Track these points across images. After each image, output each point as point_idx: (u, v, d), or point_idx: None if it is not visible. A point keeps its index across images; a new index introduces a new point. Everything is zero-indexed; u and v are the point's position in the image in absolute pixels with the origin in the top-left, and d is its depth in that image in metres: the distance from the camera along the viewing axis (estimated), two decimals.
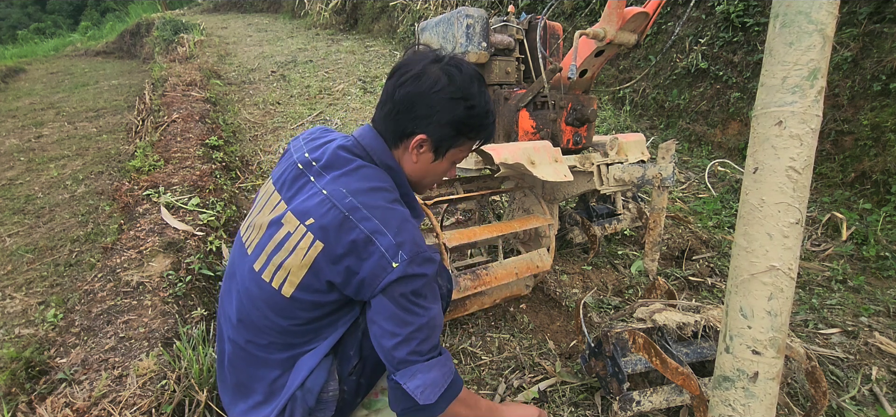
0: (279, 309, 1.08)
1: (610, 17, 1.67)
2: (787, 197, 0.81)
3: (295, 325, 1.09)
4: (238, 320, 1.13)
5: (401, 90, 1.09)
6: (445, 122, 1.10)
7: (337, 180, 1.07)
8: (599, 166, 1.86)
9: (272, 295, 1.07)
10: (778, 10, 0.79)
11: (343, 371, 1.17)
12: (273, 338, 1.11)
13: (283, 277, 1.06)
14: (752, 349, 0.87)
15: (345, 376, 1.17)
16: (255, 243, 1.14)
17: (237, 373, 1.16)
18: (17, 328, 1.83)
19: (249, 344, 1.13)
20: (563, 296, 2.03)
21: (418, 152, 1.14)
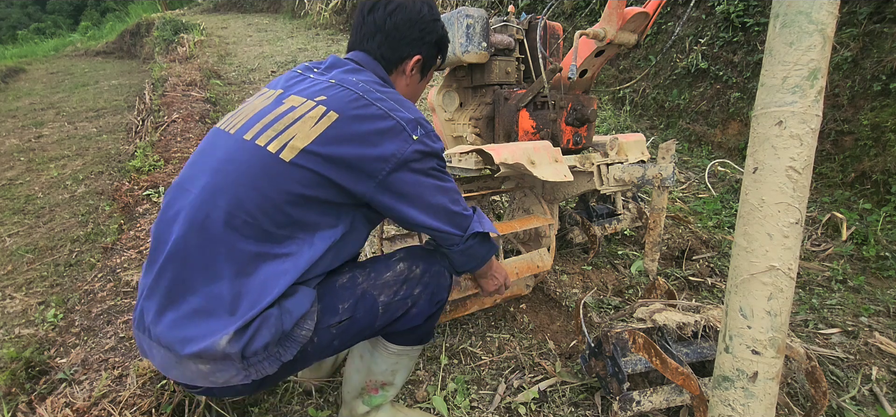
0: (272, 176, 0.96)
1: (610, 17, 1.67)
2: (786, 197, 0.81)
3: (284, 203, 0.96)
4: (207, 196, 0.96)
5: (391, 20, 1.18)
6: (433, 42, 1.26)
7: (344, 73, 1.11)
8: (599, 166, 1.86)
9: (266, 159, 0.97)
10: (778, 10, 0.79)
11: (324, 320, 1.05)
12: (249, 217, 0.95)
13: (283, 143, 0.97)
14: (752, 349, 0.87)
15: (324, 326, 1.05)
16: (241, 124, 1.04)
17: (179, 268, 0.95)
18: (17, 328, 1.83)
19: (212, 223, 0.94)
20: (563, 296, 2.03)
21: (411, 74, 1.25)
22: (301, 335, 1.00)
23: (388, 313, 1.12)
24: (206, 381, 0.96)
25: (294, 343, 1.00)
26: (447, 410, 1.45)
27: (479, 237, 1.15)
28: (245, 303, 0.94)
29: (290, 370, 1.06)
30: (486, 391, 1.55)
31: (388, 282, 1.12)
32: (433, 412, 1.46)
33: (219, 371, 0.94)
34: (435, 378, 1.60)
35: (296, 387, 1.57)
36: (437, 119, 2.30)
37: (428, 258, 1.18)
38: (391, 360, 1.26)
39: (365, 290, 1.10)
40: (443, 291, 1.19)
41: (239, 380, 0.96)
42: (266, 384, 1.05)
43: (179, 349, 0.92)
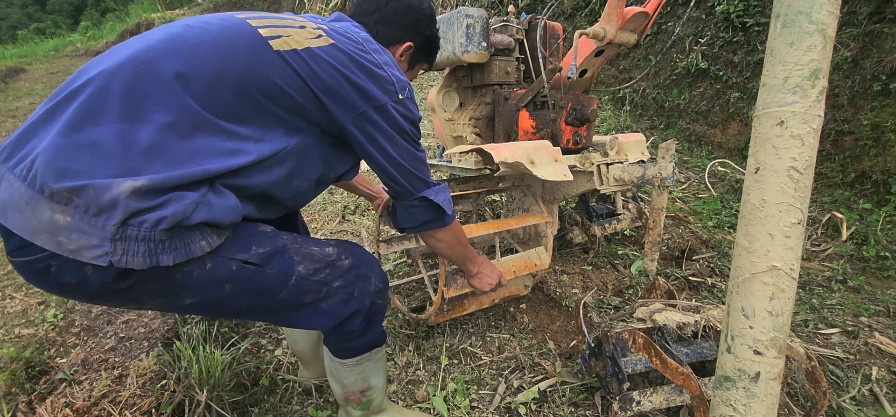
0: (255, 54, 0.90)
1: (610, 16, 1.67)
2: (788, 197, 0.81)
3: (254, 85, 0.89)
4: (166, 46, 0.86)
5: (391, 3, 1.22)
6: (427, 35, 1.30)
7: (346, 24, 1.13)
8: (599, 165, 1.86)
9: (255, 39, 0.91)
10: (779, 11, 0.79)
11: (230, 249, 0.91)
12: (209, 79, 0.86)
13: (277, 34, 0.93)
14: (754, 349, 0.87)
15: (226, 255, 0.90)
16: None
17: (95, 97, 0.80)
18: (17, 328, 1.83)
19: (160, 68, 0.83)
20: (563, 296, 2.03)
21: (399, 59, 1.27)
22: (199, 244, 0.85)
23: (298, 289, 1.00)
24: (50, 240, 0.75)
25: (184, 248, 0.83)
26: (447, 410, 1.45)
27: (427, 203, 1.16)
28: (163, 161, 0.80)
29: (146, 289, 0.85)
30: (486, 391, 1.55)
31: (313, 256, 1.03)
32: (433, 412, 1.46)
33: (78, 231, 0.75)
34: (435, 378, 1.60)
35: (295, 387, 1.57)
36: (437, 119, 2.29)
37: (360, 257, 1.12)
38: (355, 371, 1.21)
39: (286, 248, 1.00)
40: (364, 297, 1.09)
41: (91, 256, 0.75)
42: (105, 289, 0.82)
43: (49, 181, 0.74)
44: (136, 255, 0.78)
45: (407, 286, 2.21)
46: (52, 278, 0.80)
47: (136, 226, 0.77)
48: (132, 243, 0.77)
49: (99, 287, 0.81)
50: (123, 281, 0.81)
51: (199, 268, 0.87)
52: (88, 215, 0.75)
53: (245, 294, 0.95)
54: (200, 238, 0.85)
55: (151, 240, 0.79)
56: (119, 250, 0.76)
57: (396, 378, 1.61)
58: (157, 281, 0.84)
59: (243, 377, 1.56)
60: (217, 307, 0.95)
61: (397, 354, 1.72)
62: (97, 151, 0.77)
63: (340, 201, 3.21)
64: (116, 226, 0.75)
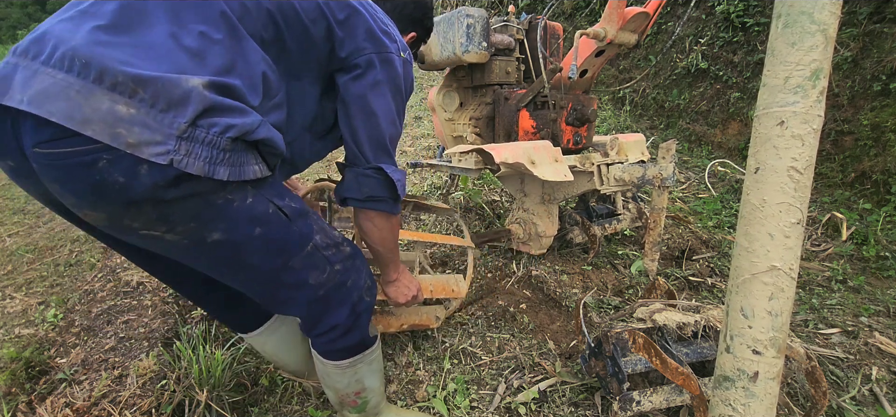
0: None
1: (610, 17, 1.67)
2: (788, 197, 0.81)
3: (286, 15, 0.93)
4: None
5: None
6: (427, 28, 1.41)
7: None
8: (599, 165, 1.86)
9: None
10: (780, 11, 0.79)
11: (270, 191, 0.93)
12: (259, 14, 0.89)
13: None
14: (753, 349, 0.87)
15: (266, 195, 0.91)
16: None
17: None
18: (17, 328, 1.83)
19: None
20: (563, 296, 2.03)
21: None
22: (252, 168, 0.85)
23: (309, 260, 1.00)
24: (104, 131, 0.69)
25: (240, 166, 0.82)
26: (447, 410, 1.45)
27: (381, 176, 1.08)
28: (219, 66, 0.80)
29: (185, 208, 0.81)
30: (486, 391, 1.55)
31: (326, 231, 1.06)
32: (433, 412, 1.46)
33: (141, 124, 0.71)
34: (435, 378, 1.60)
35: (296, 387, 1.57)
36: (437, 119, 2.29)
37: (356, 249, 1.14)
38: (347, 373, 1.19)
39: (309, 213, 1.02)
40: (354, 290, 1.10)
41: (152, 152, 0.71)
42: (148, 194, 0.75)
43: (110, 70, 0.70)
44: (198, 158, 0.75)
45: None
46: (91, 174, 0.72)
47: (204, 128, 0.75)
48: (197, 145, 0.75)
49: (145, 191, 0.75)
50: (171, 190, 0.76)
51: (241, 199, 0.86)
52: (155, 109, 0.72)
53: (267, 245, 0.93)
54: (254, 162, 0.85)
55: (216, 147, 0.77)
56: (183, 151, 0.73)
57: (396, 378, 1.61)
58: (200, 200, 0.81)
59: (243, 377, 1.56)
60: (234, 253, 0.91)
61: (397, 354, 1.72)
62: (153, 48, 0.75)
63: None
64: (187, 124, 0.73)
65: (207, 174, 0.77)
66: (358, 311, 1.12)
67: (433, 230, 2.67)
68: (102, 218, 0.79)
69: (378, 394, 1.29)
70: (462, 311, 1.97)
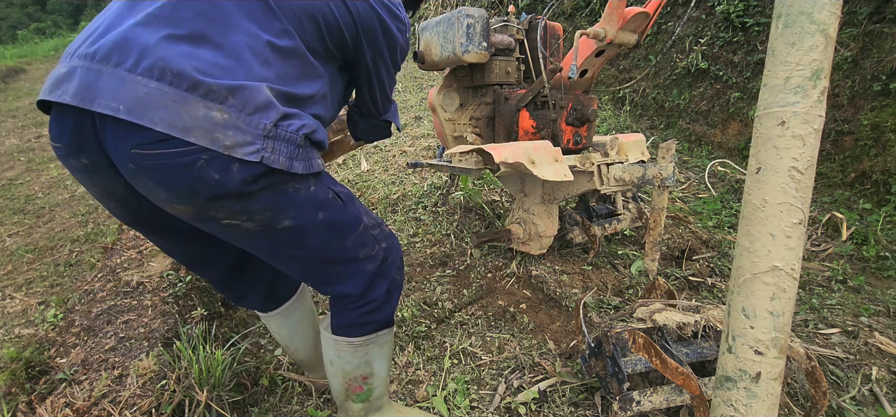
0: None
1: (610, 17, 1.67)
2: (789, 197, 0.81)
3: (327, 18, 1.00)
4: None
5: None
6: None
7: None
8: (599, 165, 1.86)
9: None
10: (780, 11, 0.79)
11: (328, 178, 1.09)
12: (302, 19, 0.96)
13: None
14: (755, 349, 0.87)
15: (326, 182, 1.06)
16: None
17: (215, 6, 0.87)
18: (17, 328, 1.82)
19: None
20: (563, 296, 2.03)
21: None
22: (317, 161, 1.00)
23: (361, 239, 1.10)
24: (205, 136, 0.79)
25: (309, 160, 0.96)
26: (447, 410, 1.45)
27: (389, 125, 1.39)
28: (279, 73, 0.91)
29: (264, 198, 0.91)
30: (486, 391, 1.55)
31: (370, 213, 1.17)
32: (433, 412, 1.46)
33: (234, 127, 0.81)
34: (435, 378, 1.60)
35: (296, 387, 1.57)
36: (437, 119, 2.29)
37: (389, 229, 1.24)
38: (360, 352, 1.22)
39: (354, 197, 1.14)
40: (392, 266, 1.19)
41: (245, 152, 0.82)
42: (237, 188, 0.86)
43: (200, 76, 0.79)
44: (281, 154, 0.88)
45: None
46: (191, 172, 0.82)
47: (284, 128, 0.88)
48: (281, 143, 0.87)
49: (235, 185, 0.85)
50: (257, 184, 0.88)
51: (306, 188, 0.97)
52: (244, 113, 0.82)
53: (328, 227, 1.03)
54: (315, 156, 0.98)
55: (293, 143, 0.90)
56: (270, 148, 0.85)
57: (396, 378, 1.61)
58: (276, 190, 0.92)
59: (243, 377, 1.56)
60: (300, 237, 1.02)
61: (397, 354, 1.72)
62: (232, 58, 0.84)
63: None
64: (272, 124, 0.85)
65: (288, 168, 0.89)
66: (391, 288, 1.20)
67: (433, 230, 2.67)
68: (189, 211, 0.89)
69: (383, 383, 1.30)
70: (462, 311, 1.98)
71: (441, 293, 2.10)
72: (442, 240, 2.55)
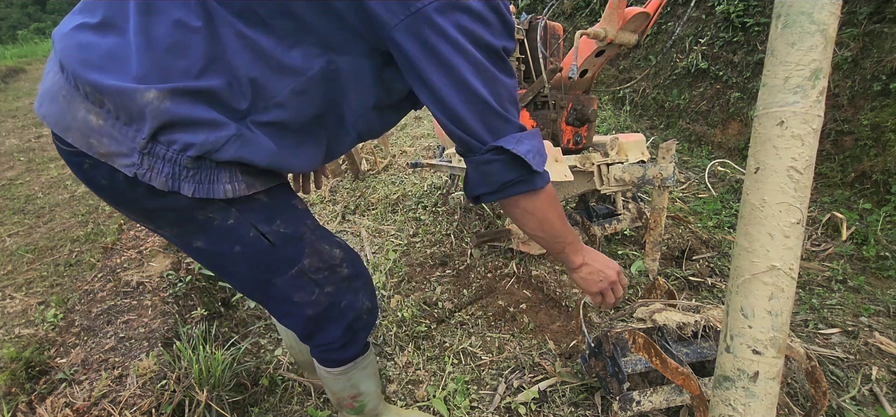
0: None
1: (610, 17, 1.67)
2: (788, 197, 0.81)
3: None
4: None
5: None
6: None
7: None
8: (600, 165, 1.86)
9: None
10: (780, 11, 0.79)
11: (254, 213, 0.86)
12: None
13: None
14: (753, 348, 0.87)
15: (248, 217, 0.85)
16: None
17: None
18: (17, 328, 1.82)
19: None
20: (563, 296, 2.03)
21: None
22: (224, 186, 0.79)
23: (294, 282, 0.95)
24: (81, 140, 0.72)
25: (209, 184, 0.78)
26: (447, 410, 1.45)
27: (505, 156, 0.85)
28: (187, 64, 0.72)
29: (167, 216, 0.82)
30: (486, 391, 1.55)
31: (322, 254, 0.97)
32: (433, 412, 1.46)
33: (109, 136, 0.72)
34: (435, 378, 1.60)
35: (296, 387, 1.57)
36: None
37: (358, 270, 1.06)
38: (341, 379, 1.18)
39: (304, 236, 0.94)
40: (349, 310, 1.04)
41: (120, 164, 0.73)
42: (132, 199, 0.79)
43: (81, 75, 0.70)
44: (160, 174, 0.74)
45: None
46: (81, 173, 0.78)
47: (164, 145, 0.73)
48: (158, 160, 0.74)
49: (125, 195, 0.79)
50: (150, 200, 0.78)
51: (222, 219, 0.84)
52: (119, 121, 0.72)
53: (248, 262, 0.90)
54: (227, 180, 0.79)
55: (177, 164, 0.75)
56: (145, 165, 0.73)
57: (396, 378, 1.61)
58: (180, 212, 0.81)
59: (243, 377, 1.56)
60: (218, 261, 0.92)
61: (397, 354, 1.72)
62: (125, 47, 0.72)
63: (341, 202, 3.21)
64: (146, 140, 0.72)
65: (171, 189, 0.76)
66: (355, 329, 1.08)
67: (433, 230, 2.67)
68: (111, 206, 0.84)
69: (375, 397, 1.30)
70: (462, 311, 1.98)
71: (441, 293, 2.10)
72: (442, 240, 2.55)
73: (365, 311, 1.09)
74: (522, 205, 0.95)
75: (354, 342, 1.11)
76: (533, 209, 0.96)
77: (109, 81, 0.70)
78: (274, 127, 0.81)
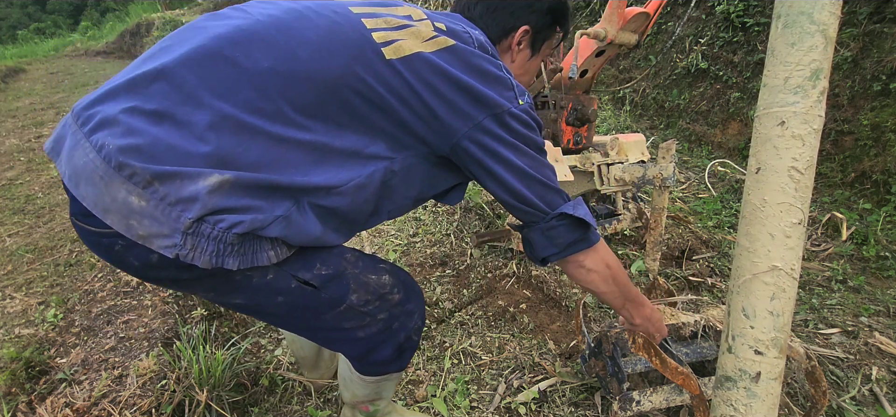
0: (363, 59, 0.81)
1: (611, 17, 1.67)
2: (789, 197, 0.81)
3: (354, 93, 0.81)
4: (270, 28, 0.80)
5: None
6: (545, 9, 1.09)
7: (459, 23, 0.98)
8: (600, 165, 1.86)
9: (366, 40, 0.82)
10: (780, 11, 0.79)
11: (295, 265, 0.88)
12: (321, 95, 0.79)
13: (389, 39, 0.83)
14: (755, 349, 0.87)
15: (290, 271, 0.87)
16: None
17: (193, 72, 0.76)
18: (17, 328, 1.82)
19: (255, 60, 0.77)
20: (563, 296, 2.03)
21: (518, 49, 1.10)
22: (267, 254, 0.81)
23: (344, 316, 0.96)
24: (120, 221, 0.72)
25: (252, 254, 0.80)
26: (447, 410, 1.45)
27: (568, 220, 0.97)
28: (252, 158, 0.76)
29: (203, 284, 0.84)
30: (486, 391, 1.55)
31: (368, 285, 0.97)
32: (433, 412, 1.46)
33: (151, 217, 0.72)
34: (435, 378, 1.60)
35: (296, 387, 1.57)
36: None
37: (409, 291, 1.06)
38: (371, 387, 1.18)
39: (346, 272, 0.95)
40: (401, 331, 1.05)
41: (159, 244, 0.73)
42: (165, 275, 0.81)
43: (130, 160, 0.70)
44: (204, 252, 0.75)
45: None
46: (114, 255, 0.78)
47: (210, 224, 0.74)
48: (203, 239, 0.74)
49: (160, 274, 0.80)
50: (186, 273, 0.79)
51: (260, 276, 0.85)
52: (165, 203, 0.71)
53: (293, 309, 0.92)
54: (270, 248, 0.82)
55: (222, 241, 0.75)
56: (188, 245, 0.73)
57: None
58: (217, 279, 0.82)
59: (243, 377, 1.56)
60: (261, 311, 0.95)
61: None
62: (183, 135, 0.73)
63: None
64: (192, 221, 0.72)
65: (215, 265, 0.76)
66: (403, 348, 1.08)
67: (433, 230, 2.67)
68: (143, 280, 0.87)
69: (388, 402, 1.31)
70: (462, 311, 1.98)
71: (441, 293, 2.10)
72: (442, 240, 2.55)
73: (414, 330, 1.09)
74: (585, 262, 1.04)
75: (400, 359, 1.11)
76: (593, 265, 1.04)
77: (164, 167, 0.71)
78: (327, 212, 0.85)
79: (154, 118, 0.73)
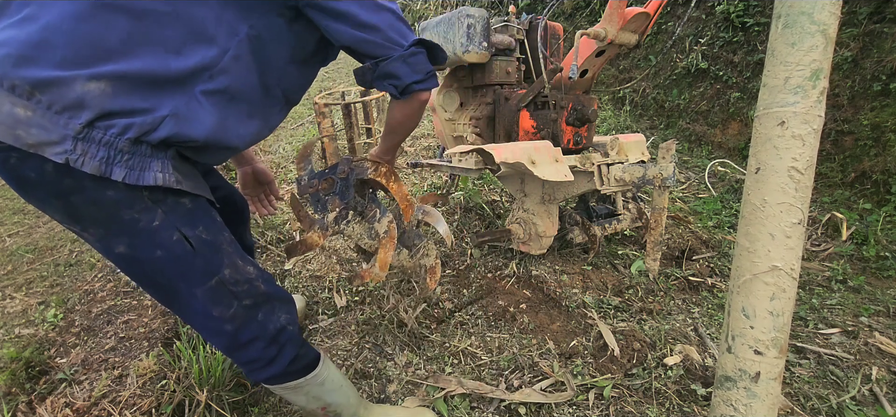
0: None
1: (611, 17, 1.67)
2: (789, 197, 0.81)
3: None
4: None
5: None
6: None
7: None
8: (600, 166, 1.86)
9: None
10: (780, 11, 0.79)
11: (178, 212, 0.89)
12: None
13: None
14: (754, 349, 0.87)
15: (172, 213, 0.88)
16: None
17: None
18: (17, 328, 1.82)
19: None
20: (563, 296, 2.03)
21: None
22: (154, 173, 0.82)
23: (214, 294, 0.96)
24: (7, 133, 0.73)
25: (139, 170, 0.81)
26: (447, 410, 1.45)
27: (425, 49, 1.03)
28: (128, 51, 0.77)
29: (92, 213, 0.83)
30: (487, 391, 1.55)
31: (238, 267, 0.99)
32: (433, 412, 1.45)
33: (38, 125, 0.73)
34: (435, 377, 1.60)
35: None
36: (437, 119, 2.30)
37: (273, 287, 1.07)
38: (299, 394, 1.16)
39: (223, 247, 0.97)
40: (267, 323, 1.04)
41: (51, 152, 0.74)
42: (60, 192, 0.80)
43: (8, 72, 0.71)
44: (94, 158, 0.76)
45: None
46: (11, 171, 0.77)
47: (101, 129, 0.76)
48: (93, 145, 0.76)
49: (55, 190, 0.79)
50: (77, 194, 0.79)
51: (148, 221, 0.85)
52: (51, 111, 0.73)
53: (169, 268, 0.92)
54: (159, 169, 0.83)
55: (113, 147, 0.77)
56: (79, 150, 0.75)
57: (396, 378, 1.61)
58: (106, 209, 0.82)
59: (243, 377, 1.56)
60: (138, 268, 0.93)
61: (397, 354, 1.72)
62: (54, 38, 0.73)
63: None
64: (82, 126, 0.74)
65: (103, 174, 0.77)
66: (279, 341, 1.07)
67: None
68: (36, 206, 0.85)
69: (348, 406, 1.26)
70: (462, 311, 1.98)
71: (441, 293, 2.10)
72: (442, 240, 2.55)
73: (285, 323, 1.08)
74: (422, 97, 1.08)
75: (281, 356, 1.08)
76: (426, 97, 1.10)
77: (44, 72, 0.72)
78: (219, 95, 0.88)
79: (18, 24, 0.74)
